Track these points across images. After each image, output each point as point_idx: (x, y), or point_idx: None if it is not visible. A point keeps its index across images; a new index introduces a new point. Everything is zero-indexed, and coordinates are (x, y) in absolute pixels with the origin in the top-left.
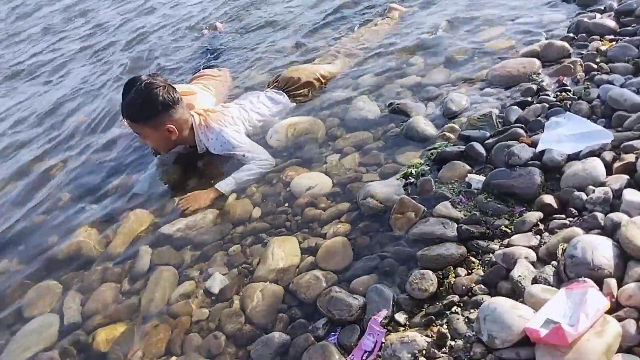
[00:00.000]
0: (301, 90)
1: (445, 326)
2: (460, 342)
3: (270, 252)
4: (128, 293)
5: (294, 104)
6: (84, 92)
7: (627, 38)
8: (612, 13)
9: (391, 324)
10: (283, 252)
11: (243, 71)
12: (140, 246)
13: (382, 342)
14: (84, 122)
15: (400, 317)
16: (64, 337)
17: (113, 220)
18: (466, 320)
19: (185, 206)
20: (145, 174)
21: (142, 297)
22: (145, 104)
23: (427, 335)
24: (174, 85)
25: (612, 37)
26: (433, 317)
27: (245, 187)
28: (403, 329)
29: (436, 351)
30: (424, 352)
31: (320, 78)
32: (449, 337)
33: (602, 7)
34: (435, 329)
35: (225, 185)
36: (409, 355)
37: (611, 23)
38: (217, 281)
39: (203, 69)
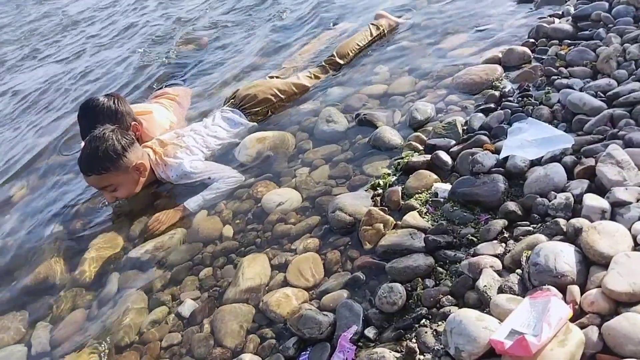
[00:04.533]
0: (258, 108)
1: (414, 340)
2: (429, 356)
3: (240, 272)
4: (97, 320)
5: (254, 124)
6: (47, 111)
7: (584, 42)
8: (570, 18)
9: (361, 340)
10: (253, 270)
11: (208, 88)
12: (109, 271)
13: (353, 359)
14: (48, 144)
15: (370, 332)
16: None
17: (81, 246)
18: (434, 333)
19: (155, 227)
20: None
21: (111, 323)
22: (107, 150)
23: (396, 351)
24: (131, 105)
25: (570, 41)
26: (402, 331)
27: (214, 205)
28: (373, 344)
29: None
30: None
31: (278, 93)
32: (418, 352)
33: (560, 12)
34: (404, 344)
35: (193, 203)
36: None
37: (569, 28)
38: (188, 305)
39: (165, 87)
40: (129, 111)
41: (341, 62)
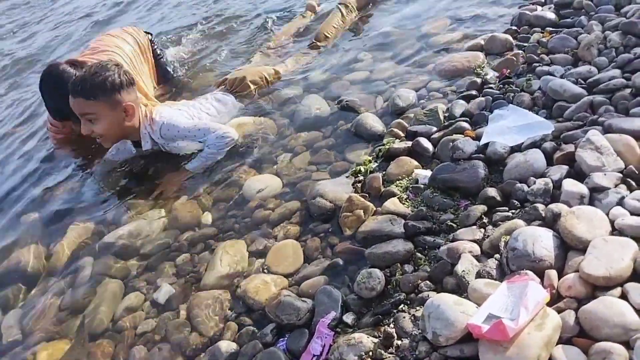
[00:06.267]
0: (246, 91)
1: (392, 325)
2: (406, 341)
3: (218, 257)
4: (71, 307)
5: (241, 104)
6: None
7: (566, 30)
8: (552, 5)
9: (340, 326)
10: (231, 257)
11: (195, 76)
12: (83, 257)
13: (330, 345)
14: (18, 133)
15: (348, 318)
16: (2, 356)
17: (55, 231)
18: (412, 318)
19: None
20: (91, 178)
21: (86, 311)
22: (106, 80)
23: (374, 336)
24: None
25: (552, 29)
26: (380, 316)
27: (193, 191)
28: (351, 330)
29: (382, 352)
30: (370, 353)
31: (266, 77)
32: (395, 337)
33: (543, 0)
34: (382, 329)
35: (192, 166)
36: (356, 358)
37: (551, 15)
38: (164, 291)
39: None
40: None
41: (322, 44)
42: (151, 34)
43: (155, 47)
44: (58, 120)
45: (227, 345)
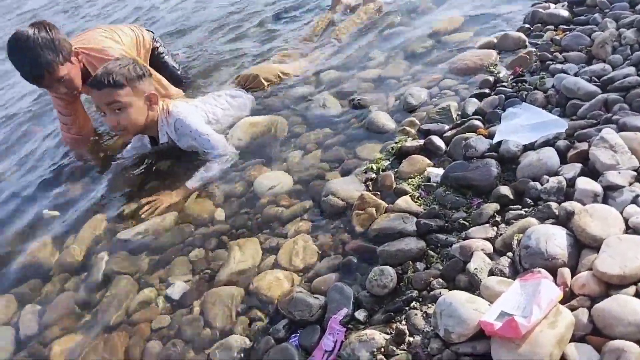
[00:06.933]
0: (260, 87)
1: (404, 322)
2: (418, 338)
3: (231, 254)
4: (86, 302)
5: (254, 100)
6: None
7: (580, 27)
8: (565, 3)
9: (352, 323)
10: (244, 253)
11: (208, 73)
12: (98, 253)
13: (342, 341)
14: (37, 132)
15: (360, 315)
16: (19, 350)
17: (70, 228)
18: (424, 315)
19: (154, 206)
20: (105, 176)
21: (100, 306)
22: (128, 68)
23: (386, 333)
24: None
25: (565, 26)
26: (392, 313)
27: (206, 188)
28: (363, 327)
29: (394, 348)
30: (382, 349)
31: (280, 74)
32: (407, 334)
33: None
34: (394, 326)
35: (193, 182)
36: (368, 354)
37: (564, 13)
38: (178, 288)
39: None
40: (64, 36)
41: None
42: (153, 32)
43: (158, 44)
44: (32, 82)
45: (239, 341)
